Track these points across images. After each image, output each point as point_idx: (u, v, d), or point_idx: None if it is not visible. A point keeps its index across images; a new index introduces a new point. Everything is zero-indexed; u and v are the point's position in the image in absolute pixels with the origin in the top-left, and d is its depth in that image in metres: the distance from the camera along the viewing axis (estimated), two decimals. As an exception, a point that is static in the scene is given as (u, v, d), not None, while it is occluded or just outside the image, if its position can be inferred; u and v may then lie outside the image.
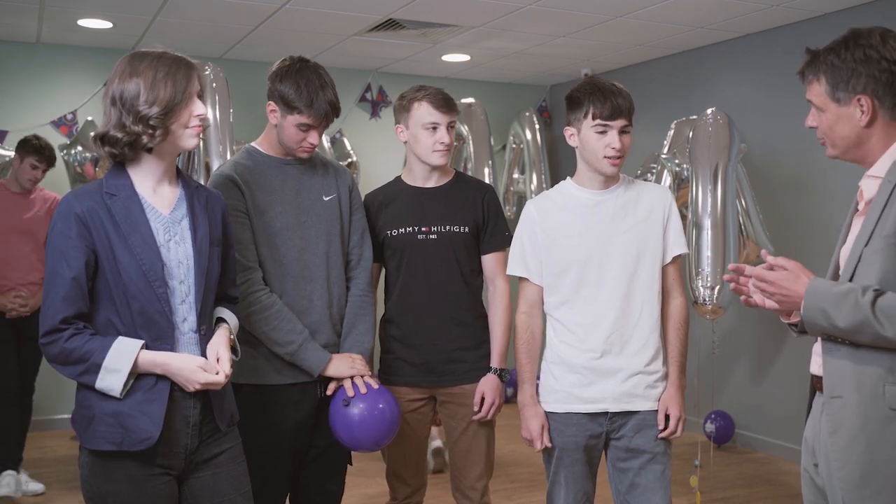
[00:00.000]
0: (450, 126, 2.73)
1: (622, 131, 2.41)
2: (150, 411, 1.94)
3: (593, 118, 2.39)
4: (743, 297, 2.00)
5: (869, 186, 1.89)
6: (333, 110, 2.51)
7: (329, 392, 2.52)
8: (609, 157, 2.40)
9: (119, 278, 1.95)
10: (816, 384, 1.95)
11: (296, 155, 2.56)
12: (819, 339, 1.93)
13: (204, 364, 1.97)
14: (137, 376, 1.95)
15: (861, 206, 1.92)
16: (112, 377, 1.91)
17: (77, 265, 1.93)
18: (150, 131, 1.96)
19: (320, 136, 2.54)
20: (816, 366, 1.94)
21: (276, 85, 2.49)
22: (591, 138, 2.41)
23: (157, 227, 2.01)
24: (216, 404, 2.06)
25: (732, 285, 2.00)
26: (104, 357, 1.91)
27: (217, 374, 1.99)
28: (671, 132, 4.99)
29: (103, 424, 1.94)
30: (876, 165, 1.89)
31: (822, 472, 1.89)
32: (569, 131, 2.49)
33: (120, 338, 1.95)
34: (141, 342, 1.95)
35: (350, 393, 2.47)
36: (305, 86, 2.45)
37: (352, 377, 2.51)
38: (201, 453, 2.06)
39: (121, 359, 1.92)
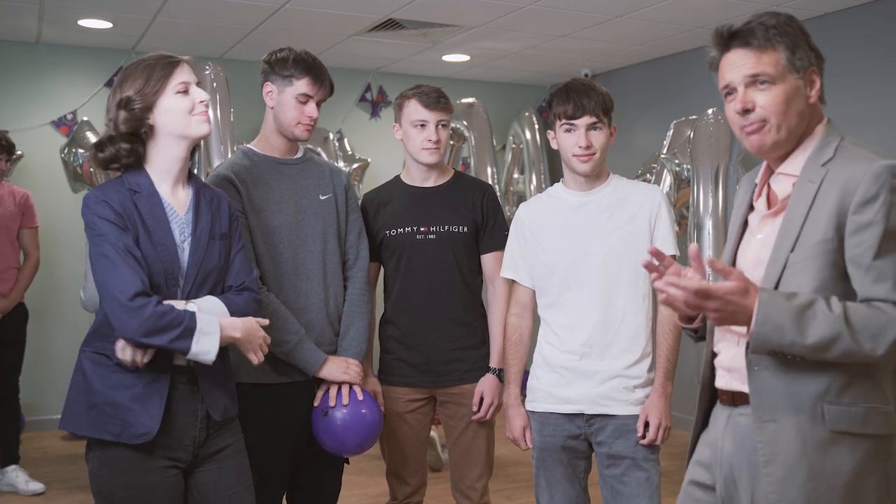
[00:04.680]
0: (441, 124, 2.74)
1: (591, 128, 2.41)
2: (149, 407, 1.96)
3: (559, 118, 2.43)
4: (663, 297, 1.64)
5: (783, 186, 1.72)
6: (330, 83, 2.56)
7: (316, 403, 2.52)
8: (578, 155, 2.42)
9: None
10: (722, 397, 1.82)
11: (295, 135, 2.54)
12: (720, 351, 1.81)
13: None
14: (138, 370, 1.96)
15: (762, 207, 1.77)
16: (206, 339, 1.93)
17: (128, 241, 1.93)
18: (128, 114, 1.99)
19: (318, 111, 2.55)
20: (723, 380, 1.80)
21: (272, 65, 2.53)
22: (562, 138, 2.45)
23: (174, 228, 2.04)
24: (206, 394, 2.06)
25: (654, 275, 1.68)
26: (196, 320, 1.92)
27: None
28: (670, 132, 4.99)
29: (104, 414, 1.96)
30: (788, 162, 1.72)
31: (742, 499, 1.71)
32: (550, 135, 2.52)
33: (203, 298, 2.01)
34: (218, 300, 2.03)
35: (332, 403, 2.48)
36: (303, 56, 2.52)
37: (340, 384, 2.51)
38: (208, 446, 2.09)
39: (211, 321, 1.95)
